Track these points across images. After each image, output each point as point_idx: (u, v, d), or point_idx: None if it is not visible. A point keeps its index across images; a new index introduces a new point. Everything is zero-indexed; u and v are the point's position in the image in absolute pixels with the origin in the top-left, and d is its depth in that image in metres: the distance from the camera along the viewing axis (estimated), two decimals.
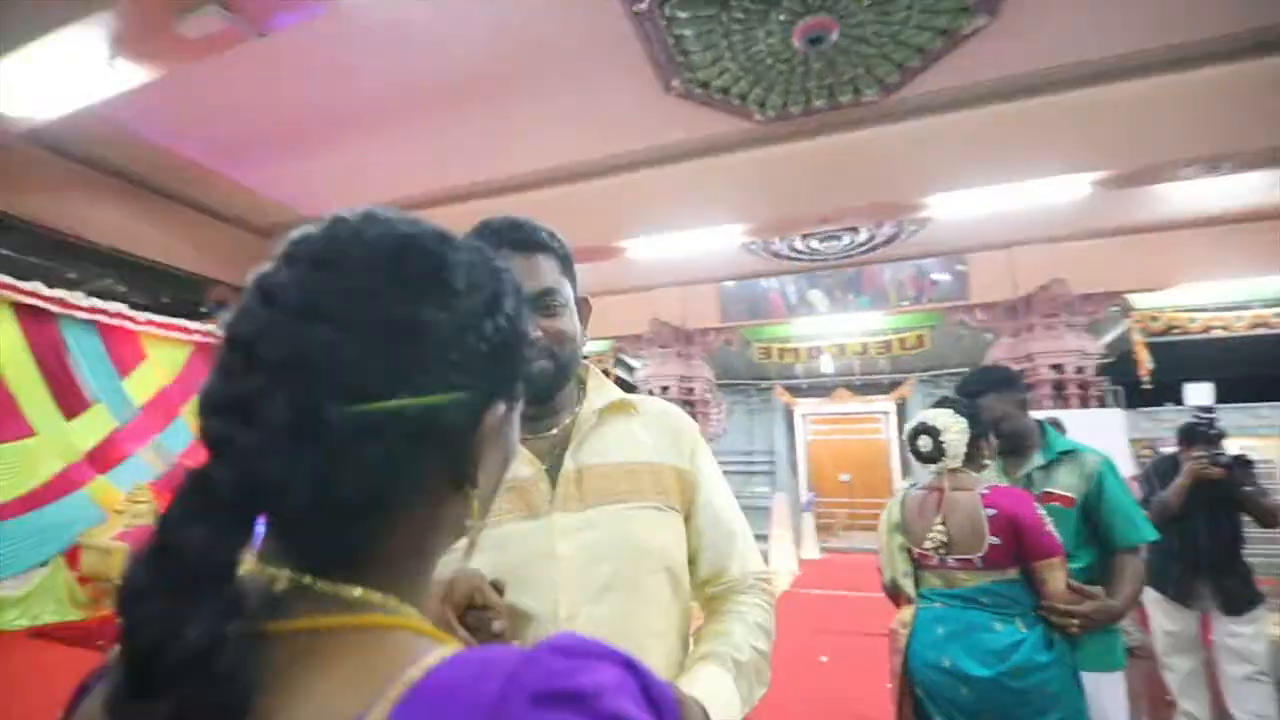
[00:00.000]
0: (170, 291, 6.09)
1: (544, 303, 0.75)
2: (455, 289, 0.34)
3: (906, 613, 1.61)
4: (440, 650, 0.31)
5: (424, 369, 0.32)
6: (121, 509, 4.50)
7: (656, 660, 0.72)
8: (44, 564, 4.19)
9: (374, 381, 0.31)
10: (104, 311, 4.54)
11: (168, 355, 5.06)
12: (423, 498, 0.35)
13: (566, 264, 0.81)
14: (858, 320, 7.83)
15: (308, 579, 0.32)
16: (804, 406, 11.20)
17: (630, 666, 0.30)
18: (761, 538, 8.88)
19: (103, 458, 4.56)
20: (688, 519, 0.83)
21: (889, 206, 4.90)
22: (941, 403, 1.71)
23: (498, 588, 0.64)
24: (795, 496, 10.31)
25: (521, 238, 0.75)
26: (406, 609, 0.34)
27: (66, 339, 4.38)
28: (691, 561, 0.84)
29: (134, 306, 5.01)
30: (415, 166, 5.14)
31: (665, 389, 8.01)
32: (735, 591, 0.83)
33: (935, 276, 7.06)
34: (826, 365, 8.80)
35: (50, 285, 4.32)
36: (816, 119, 4.50)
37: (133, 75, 3.15)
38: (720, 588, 0.83)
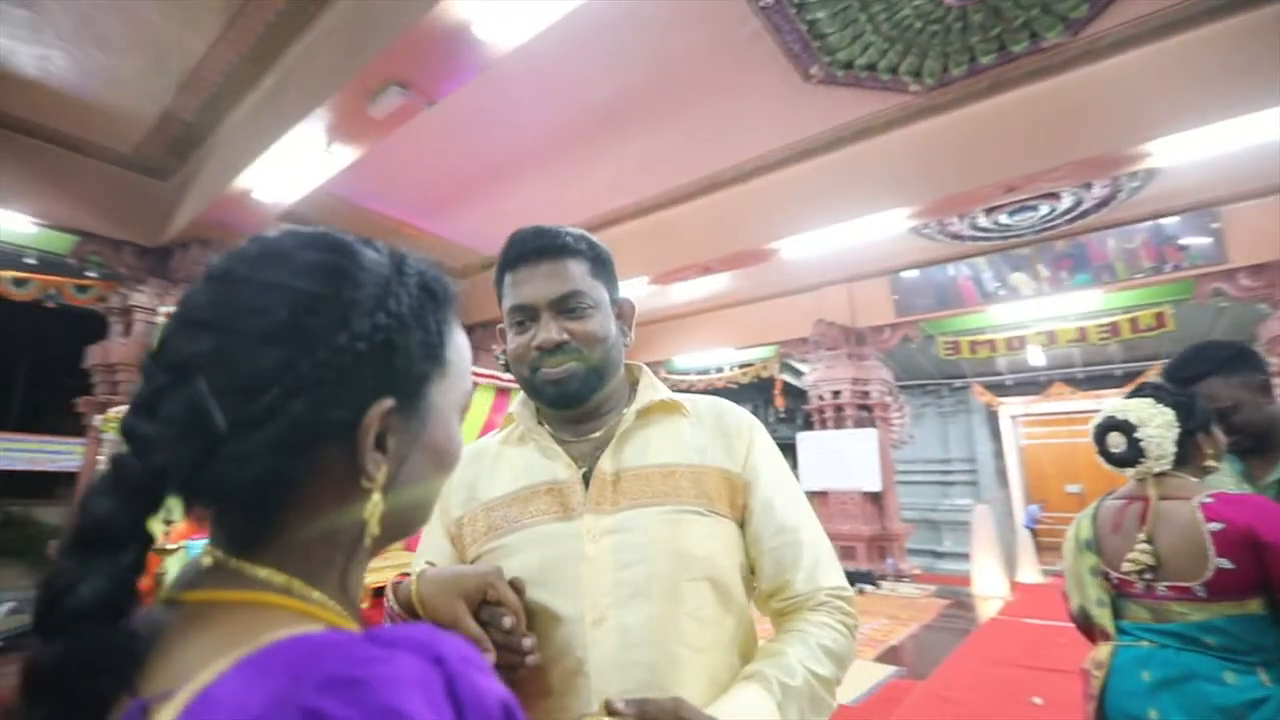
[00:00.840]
0: None
1: (569, 305, 0.74)
2: (328, 293, 0.36)
3: (1102, 651, 1.30)
4: (306, 628, 0.32)
5: (293, 369, 0.34)
6: None
7: (692, 676, 0.66)
8: None
9: (249, 381, 0.33)
10: None
11: None
12: (322, 489, 0.36)
13: (599, 266, 0.78)
14: (1071, 302, 6.65)
15: (222, 556, 0.36)
16: (1011, 406, 9.77)
17: (440, 662, 0.28)
18: (961, 556, 7.90)
19: None
20: (745, 526, 0.77)
21: (1095, 163, 4.11)
22: (1140, 390, 1.38)
23: (516, 586, 0.64)
24: (1006, 509, 9.01)
25: (544, 244, 0.75)
26: (313, 593, 0.36)
27: None
28: (753, 573, 0.77)
29: None
30: (574, 197, 5.52)
31: (837, 393, 7.55)
32: (802, 609, 0.73)
33: (1183, 241, 5.73)
34: (1035, 357, 7.60)
35: None
36: (987, 77, 3.96)
37: (344, 156, 3.83)
38: (785, 603, 0.75)
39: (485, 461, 0.80)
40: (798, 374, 8.79)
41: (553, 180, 5.20)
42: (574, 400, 0.75)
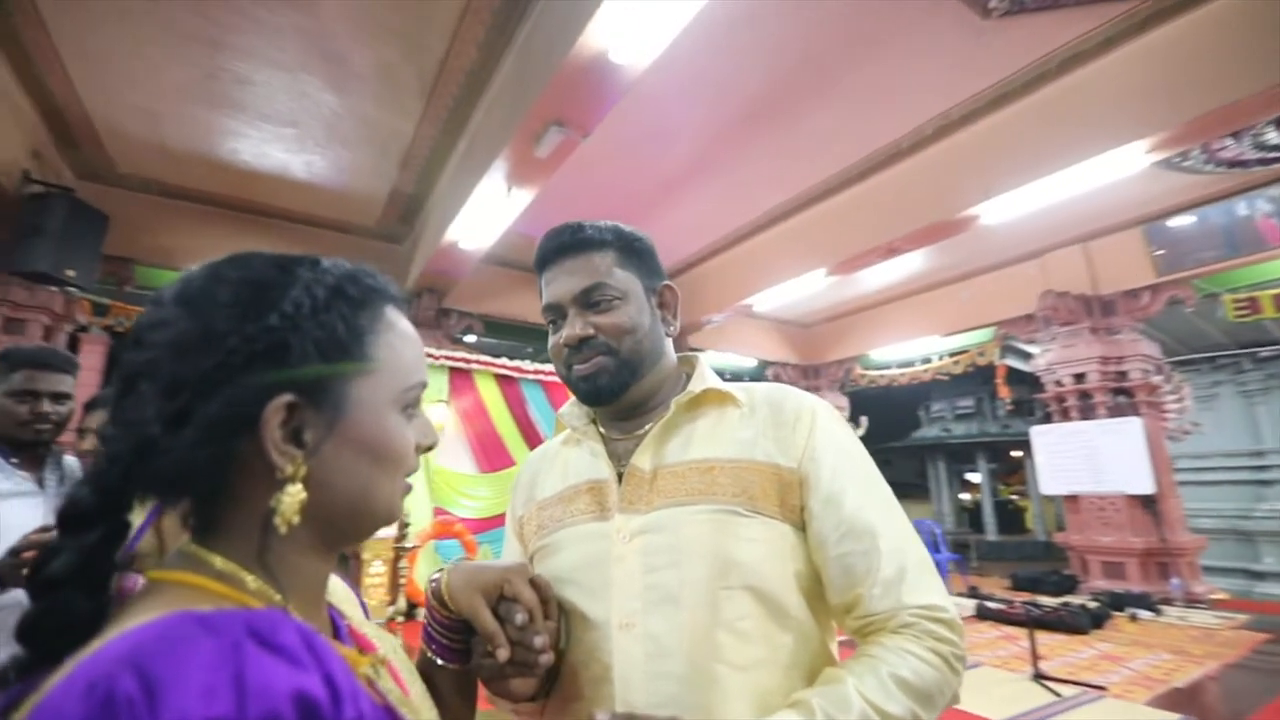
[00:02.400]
0: None
1: (592, 299, 0.72)
2: (230, 303, 0.40)
3: None
4: (206, 606, 0.35)
5: (200, 373, 0.38)
6: None
7: (732, 697, 0.59)
8: None
9: (170, 386, 0.38)
10: (543, 372, 6.13)
11: None
12: (249, 481, 0.40)
13: (629, 254, 0.75)
14: None
15: (186, 541, 0.42)
16: None
17: (238, 648, 0.29)
18: (1276, 576, 5.98)
19: None
20: (807, 529, 0.67)
21: None
22: None
23: (538, 584, 0.62)
24: None
25: (564, 241, 0.74)
26: (246, 578, 0.40)
27: (525, 394, 6.08)
28: (821, 583, 0.67)
29: None
30: (741, 196, 5.47)
31: (1080, 377, 6.30)
32: (882, 630, 0.61)
33: None
34: None
35: (513, 358, 6.09)
36: None
37: (522, 199, 4.27)
38: (862, 622, 0.63)
39: (546, 462, 0.82)
40: (1025, 357, 7.54)
41: (718, 182, 5.20)
42: (605, 395, 0.72)
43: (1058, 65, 3.82)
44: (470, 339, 6.92)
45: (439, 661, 0.62)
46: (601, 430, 0.78)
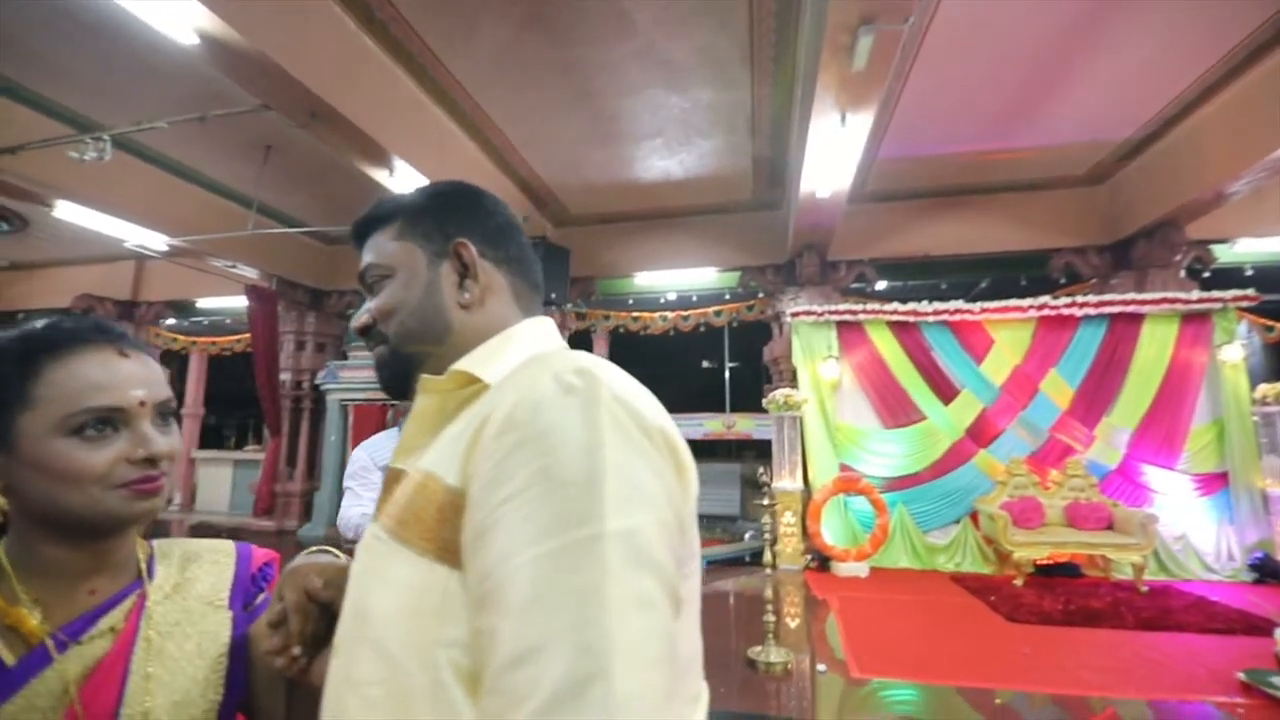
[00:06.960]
0: (1024, 272, 6.36)
1: (367, 283, 0.64)
2: None
3: None
4: None
5: None
6: (1003, 480, 4.96)
7: None
8: (957, 521, 5.14)
9: None
10: (946, 311, 5.31)
11: (1012, 336, 5.29)
12: None
13: (413, 220, 0.63)
14: None
15: None
16: None
17: None
18: None
19: (980, 434, 5.22)
20: None
21: None
22: None
23: (309, 586, 0.59)
24: None
25: (352, 230, 0.67)
26: (3, 560, 0.57)
27: (928, 339, 5.39)
28: None
29: (990, 298, 5.45)
30: (1187, 33, 3.51)
31: None
32: None
33: None
34: None
35: (917, 300, 5.45)
36: None
37: (860, 124, 3.83)
38: None
39: None
40: None
41: (1133, 26, 3.47)
42: (390, 388, 0.64)
43: None
44: (880, 285, 6.54)
45: None
46: None
